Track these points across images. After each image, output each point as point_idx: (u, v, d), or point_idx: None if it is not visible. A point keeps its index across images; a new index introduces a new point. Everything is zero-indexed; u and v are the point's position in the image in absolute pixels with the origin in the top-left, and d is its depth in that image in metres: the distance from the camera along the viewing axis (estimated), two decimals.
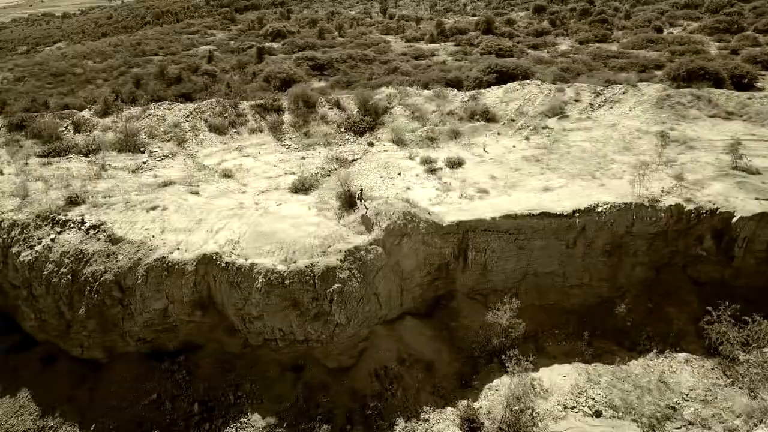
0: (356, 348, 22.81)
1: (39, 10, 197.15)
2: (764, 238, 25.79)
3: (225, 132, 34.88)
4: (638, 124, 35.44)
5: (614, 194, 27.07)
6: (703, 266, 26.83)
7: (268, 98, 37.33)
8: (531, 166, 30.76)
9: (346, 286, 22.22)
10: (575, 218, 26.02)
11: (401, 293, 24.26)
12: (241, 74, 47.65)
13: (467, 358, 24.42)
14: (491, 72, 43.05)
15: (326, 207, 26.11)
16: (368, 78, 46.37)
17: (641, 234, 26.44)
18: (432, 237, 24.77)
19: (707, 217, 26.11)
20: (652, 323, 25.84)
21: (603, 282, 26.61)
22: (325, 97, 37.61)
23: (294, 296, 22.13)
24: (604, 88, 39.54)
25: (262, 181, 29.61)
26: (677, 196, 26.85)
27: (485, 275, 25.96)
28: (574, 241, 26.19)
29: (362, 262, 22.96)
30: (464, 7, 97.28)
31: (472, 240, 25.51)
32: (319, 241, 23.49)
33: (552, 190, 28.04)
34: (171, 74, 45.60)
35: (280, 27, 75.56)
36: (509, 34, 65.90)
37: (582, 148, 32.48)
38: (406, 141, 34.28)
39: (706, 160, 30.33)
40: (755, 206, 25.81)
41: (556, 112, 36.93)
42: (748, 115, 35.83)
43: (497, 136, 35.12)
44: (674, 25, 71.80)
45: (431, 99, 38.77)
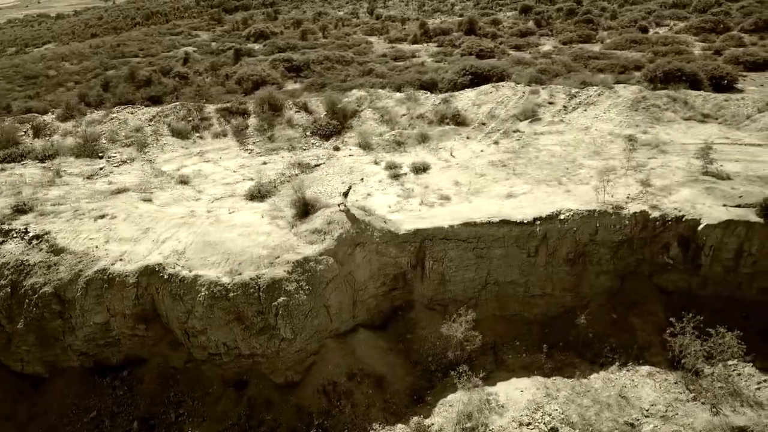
0: (304, 363, 21.98)
1: (35, 11, 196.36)
2: (731, 246, 24.99)
3: (188, 136, 34.06)
4: (611, 127, 34.64)
5: (579, 201, 26.26)
6: (670, 275, 26.02)
7: (234, 101, 36.46)
8: (497, 172, 29.95)
9: (292, 299, 21.39)
10: (536, 226, 25.21)
11: (354, 305, 23.43)
12: (213, 76, 46.83)
13: (423, 372, 23.59)
14: (466, 74, 42.26)
15: (280, 215, 25.28)
16: (342, 80, 45.57)
17: (605, 242, 25.63)
18: (387, 246, 23.95)
19: (673, 225, 25.30)
20: (616, 334, 25.02)
21: (566, 292, 25.79)
22: (292, 100, 36.79)
23: (238, 309, 21.31)
24: (580, 90, 38.76)
25: (219, 187, 28.80)
26: (643, 202, 26.03)
27: (444, 285, 25.14)
28: (536, 250, 25.38)
29: (311, 273, 22.13)
30: (452, 8, 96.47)
31: (430, 249, 24.69)
32: (267, 252, 22.66)
33: (515, 197, 27.23)
34: (141, 77, 44.73)
35: (263, 28, 74.72)
36: (492, 35, 65.11)
37: (551, 153, 31.66)
38: (373, 145, 33.47)
39: (676, 165, 29.51)
40: (722, 213, 25.00)
41: (528, 115, 36.12)
42: (723, 118, 35.04)
43: (466, 140, 34.31)
44: (661, 25, 71.03)
45: (402, 102, 37.96)
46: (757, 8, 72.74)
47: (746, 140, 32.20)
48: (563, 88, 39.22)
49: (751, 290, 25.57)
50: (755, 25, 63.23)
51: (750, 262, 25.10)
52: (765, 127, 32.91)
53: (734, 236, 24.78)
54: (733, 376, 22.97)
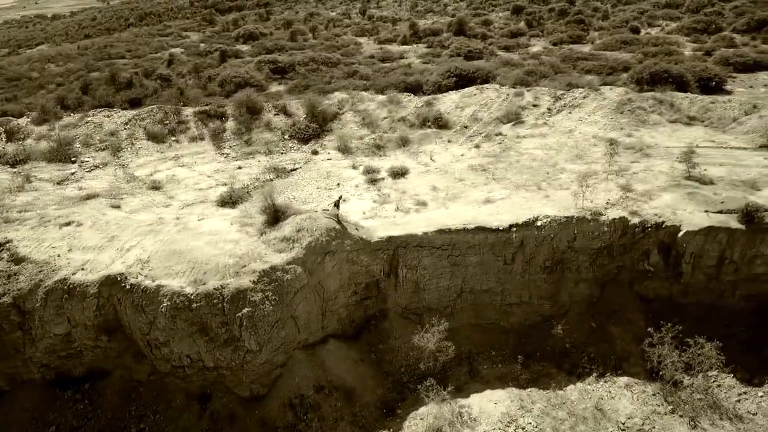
0: (270, 375, 21.33)
1: (32, 11, 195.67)
2: (713, 253, 24.37)
3: (164, 140, 33.40)
4: (596, 130, 34.03)
5: (557, 207, 25.63)
6: (651, 282, 25.40)
7: (213, 104, 35.82)
8: (476, 176, 29.32)
9: (257, 310, 20.74)
10: (513, 233, 24.58)
11: (324, 315, 22.79)
12: (196, 78, 46.16)
13: (394, 384, 22.96)
14: (451, 76, 41.63)
15: (250, 222, 24.60)
16: (327, 82, 44.93)
17: (584, 249, 25.01)
18: (358, 254, 23.30)
19: (653, 231, 24.67)
20: (595, 344, 24.41)
21: (544, 300, 25.16)
22: (272, 103, 36.14)
23: (202, 321, 20.65)
24: (565, 92, 38.14)
25: (191, 193, 28.15)
26: (623, 208, 25.41)
27: (418, 294, 24.51)
28: (513, 257, 24.75)
29: (279, 283, 21.48)
30: (445, 8, 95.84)
31: (403, 257, 24.06)
32: (234, 261, 22.01)
33: (493, 203, 26.61)
34: (122, 79, 44.07)
35: (253, 29, 74.07)
36: (483, 36, 64.48)
37: (533, 157, 31.04)
38: (352, 149, 32.84)
39: (660, 169, 28.89)
40: (703, 219, 24.38)
41: (511, 117, 35.51)
42: (710, 120, 34.43)
43: (447, 143, 33.68)
44: (653, 25, 70.39)
45: (384, 105, 37.33)
46: (750, 8, 72.12)
47: (732, 143, 31.60)
48: (548, 90, 38.61)
49: (733, 298, 24.96)
50: (747, 26, 62.62)
51: (732, 269, 24.49)
52: (751, 130, 32.29)
53: (715, 243, 24.17)
54: (713, 387, 22.38)
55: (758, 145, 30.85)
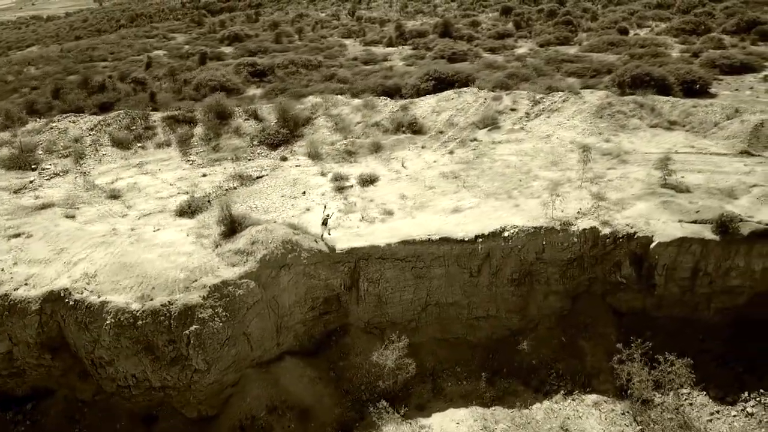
0: (220, 396, 20.42)
1: (29, 12, 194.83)
2: (686, 265, 23.47)
3: (129, 147, 32.47)
4: (574, 135, 33.11)
5: (526, 216, 24.72)
6: (624, 295, 24.50)
7: (183, 109, 34.91)
8: (447, 184, 28.40)
9: (206, 327, 19.83)
10: (478, 244, 23.66)
11: (279, 332, 21.86)
12: (171, 82, 45.22)
13: (354, 402, 22.03)
14: (429, 79, 40.75)
15: (207, 233, 23.70)
16: (305, 85, 44.04)
17: (553, 260, 24.10)
18: (316, 268, 22.38)
19: (624, 242, 23.77)
20: (564, 359, 23.51)
21: (512, 313, 24.25)
22: (242, 108, 35.21)
23: (148, 339, 19.74)
24: (545, 96, 37.21)
25: (151, 202, 27.22)
26: (594, 218, 24.50)
27: (381, 307, 23.60)
28: (479, 269, 23.84)
29: (230, 298, 20.57)
30: (435, 9, 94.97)
31: (365, 269, 23.15)
32: (185, 275, 21.10)
33: (461, 212, 25.69)
34: (95, 83, 43.14)
35: (238, 31, 73.18)
36: (469, 37, 63.60)
37: (506, 163, 30.12)
38: (322, 155, 31.91)
39: (636, 176, 27.99)
40: (676, 230, 23.47)
41: (487, 122, 34.57)
42: (691, 125, 33.51)
43: (421, 149, 32.76)
44: (642, 26, 69.52)
45: (359, 109, 36.41)
46: (741, 9, 71.29)
47: (712, 149, 30.69)
48: (527, 93, 37.69)
49: (708, 311, 24.07)
50: (737, 26, 61.77)
51: (706, 281, 23.59)
52: (732, 135, 31.39)
53: (689, 255, 23.27)
54: (685, 406, 21.49)
55: (738, 151, 29.95)
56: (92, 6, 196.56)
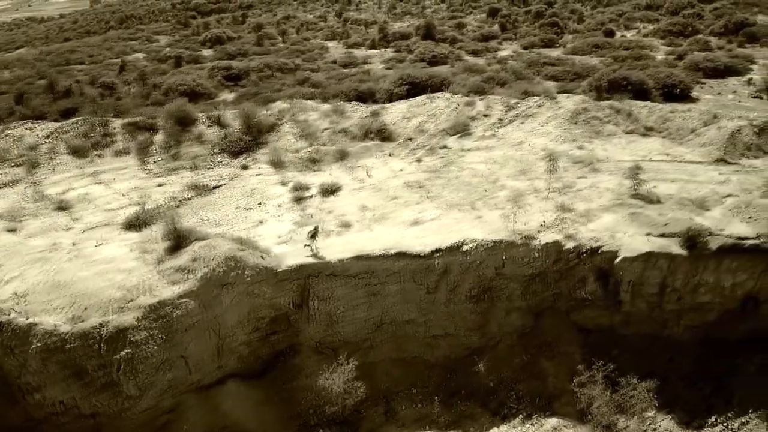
0: (155, 423, 19.30)
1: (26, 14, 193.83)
2: (654, 280, 22.40)
3: (86, 155, 31.32)
4: (546, 142, 32.01)
5: (487, 229, 23.63)
6: (589, 311, 23.41)
7: (144, 115, 33.79)
8: (411, 194, 27.29)
9: (139, 351, 18.72)
10: (435, 259, 22.56)
11: (220, 354, 20.73)
12: (141, 86, 44.10)
13: (302, 427, 20.93)
14: (403, 84, 39.66)
15: (153, 248, 22.54)
16: (277, 89, 42.94)
17: (515, 276, 23.01)
18: (261, 286, 21.25)
19: (588, 257, 22.69)
20: (526, 380, 22.41)
21: (471, 332, 23.14)
22: (206, 114, 34.10)
23: (77, 363, 18.62)
24: (519, 101, 36.13)
25: (99, 214, 26.09)
26: (558, 231, 23.42)
27: (333, 327, 22.47)
28: (436, 285, 22.74)
29: (167, 319, 19.45)
30: (423, 10, 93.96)
31: (315, 287, 22.02)
32: (121, 294, 19.97)
33: (421, 224, 24.59)
34: (61, 87, 42.02)
35: (220, 33, 72.09)
36: (452, 39, 62.55)
37: (474, 172, 29.02)
38: (285, 163, 30.80)
39: (606, 186, 26.91)
40: (643, 244, 22.38)
41: (458, 129, 33.50)
42: (668, 131, 32.46)
43: (388, 157, 31.65)
44: (630, 28, 68.59)
45: (327, 115, 35.30)
46: (730, 10, 70.49)
47: (687, 157, 29.63)
48: (502, 98, 36.60)
49: (677, 329, 23.01)
50: (725, 28, 60.94)
51: (674, 298, 22.53)
52: (709, 142, 30.33)
53: (656, 270, 22.20)
54: (649, 430, 20.38)
55: (714, 159, 28.89)
56: (95, 7, 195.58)
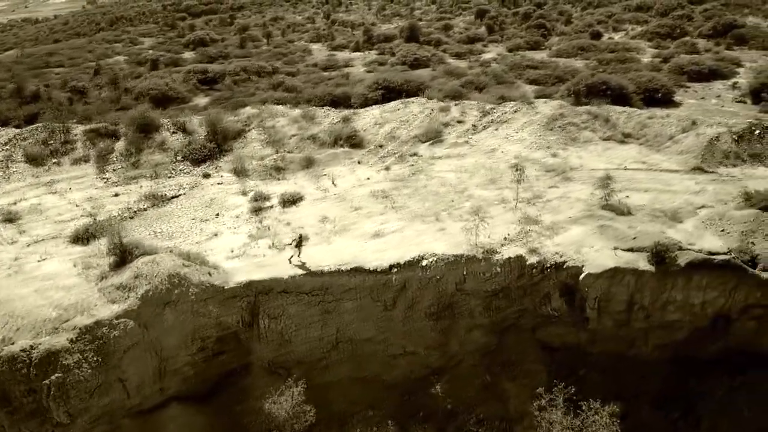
0: None
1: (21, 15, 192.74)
2: (621, 297, 21.40)
3: (43, 163, 30.31)
4: (520, 150, 31.02)
5: (449, 243, 22.62)
6: (555, 329, 22.41)
7: (107, 121, 32.78)
8: (375, 204, 26.28)
9: (71, 375, 17.71)
10: (393, 274, 21.55)
11: (162, 376, 19.71)
12: (112, 90, 43.06)
13: None
14: (378, 88, 38.65)
15: (97, 263, 21.53)
16: (251, 93, 41.93)
17: (476, 292, 22.01)
18: (206, 305, 20.23)
19: (552, 273, 21.69)
20: (486, 402, 21.42)
21: (431, 350, 22.14)
22: (170, 120, 33.08)
23: (4, 388, 17.58)
24: (495, 107, 35.12)
25: (49, 226, 25.06)
26: (522, 245, 22.41)
27: (285, 346, 21.45)
28: (394, 302, 21.73)
29: (103, 341, 18.45)
30: (412, 12, 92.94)
31: (265, 305, 21.00)
32: (57, 313, 18.96)
33: (382, 237, 23.58)
34: (29, 92, 40.98)
35: (203, 35, 71.03)
36: (437, 42, 61.53)
37: (442, 181, 28.01)
38: (249, 171, 29.81)
39: (577, 196, 25.93)
40: (609, 259, 21.38)
41: (431, 136, 32.48)
42: (645, 138, 31.45)
43: (357, 165, 30.64)
44: (618, 29, 67.57)
45: (296, 120, 34.28)
46: (720, 11, 69.47)
47: (663, 165, 28.65)
48: (477, 104, 35.60)
49: (646, 347, 22.02)
50: (713, 30, 59.88)
51: (642, 315, 21.54)
52: (686, 149, 29.35)
53: (623, 286, 21.21)
54: None
55: (691, 167, 27.93)
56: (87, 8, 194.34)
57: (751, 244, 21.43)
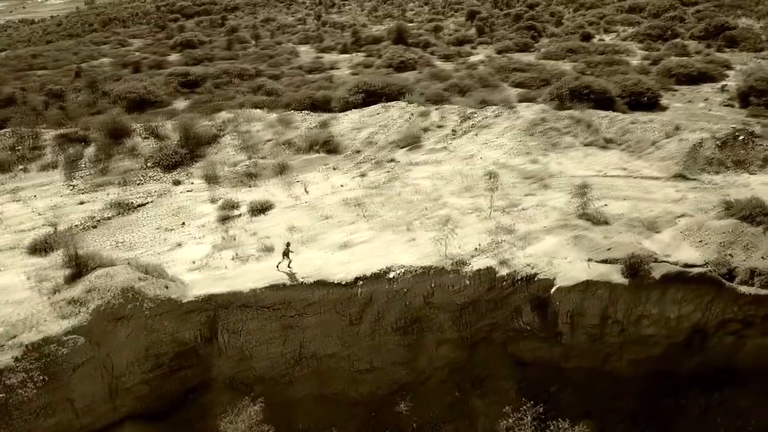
0: None
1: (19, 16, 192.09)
2: (594, 311, 20.66)
3: (10, 169, 29.63)
4: (499, 156, 30.28)
5: (418, 254, 21.87)
6: (528, 343, 21.65)
7: (80, 126, 32.04)
8: (346, 213, 25.53)
9: (14, 396, 16.98)
10: (358, 287, 20.81)
11: (114, 394, 18.95)
12: (89, 93, 42.30)
13: None
14: (359, 92, 37.86)
15: (52, 276, 20.76)
16: (231, 97, 41.18)
17: (445, 305, 21.24)
18: (161, 320, 19.47)
19: (523, 285, 20.94)
20: (454, 420, 20.70)
21: (399, 366, 21.37)
22: (142, 125, 32.34)
23: None
24: (476, 111, 34.39)
25: (8, 236, 24.34)
26: (493, 256, 21.65)
27: (246, 362, 20.70)
28: (359, 316, 20.98)
29: (51, 359, 17.70)
30: (404, 13, 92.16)
31: (225, 319, 20.25)
32: (3, 330, 18.21)
33: (350, 247, 22.84)
34: (5, 94, 40.23)
35: (191, 37, 70.26)
36: (425, 44, 60.78)
37: (417, 188, 27.26)
38: (220, 178, 29.06)
39: (554, 204, 25.17)
40: (581, 272, 20.64)
41: (409, 141, 31.74)
42: (627, 144, 30.70)
43: (331, 171, 29.90)
44: (609, 31, 66.81)
45: (273, 125, 33.57)
46: (713, 12, 68.66)
47: (645, 171, 27.89)
48: (459, 108, 34.86)
49: (621, 363, 21.24)
50: (705, 32, 59.19)
51: (617, 330, 20.79)
52: (668, 155, 28.60)
53: (596, 300, 20.46)
54: None
55: (672, 174, 27.17)
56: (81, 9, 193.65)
57: (729, 256, 20.70)
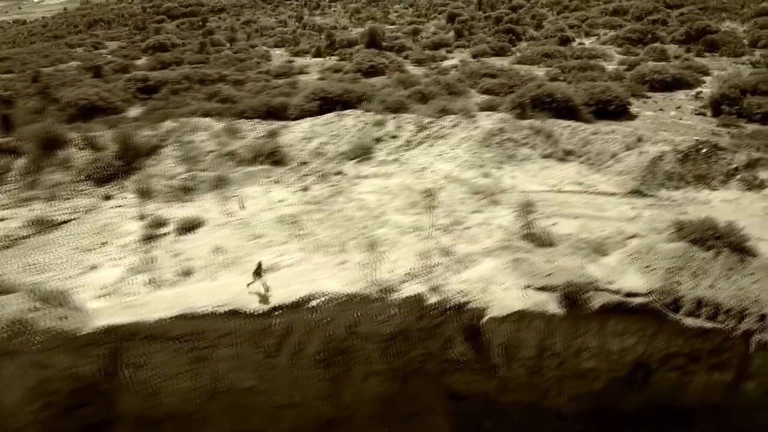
0: None
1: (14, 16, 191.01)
2: (531, 342, 19.10)
3: None
4: (452, 168, 28.72)
5: (346, 279, 20.29)
6: (462, 375, 20.08)
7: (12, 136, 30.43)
8: (279, 231, 23.92)
9: None
10: (275, 318, 19.21)
11: None
12: (41, 100, 40.73)
13: None
14: (315, 99, 36.27)
15: None
16: (185, 104, 39.57)
17: (372, 335, 19.66)
18: (54, 355, 17.87)
19: (454, 314, 19.37)
20: None
21: (322, 400, 19.79)
22: (80, 135, 30.74)
23: None
24: (434, 120, 32.84)
25: None
26: (424, 281, 20.08)
27: (153, 398, 19.08)
28: (277, 348, 19.37)
29: None
30: (386, 15, 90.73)
31: (126, 353, 18.64)
32: None
33: (275, 271, 21.18)
34: None
35: (163, 39, 68.77)
36: (400, 47, 59.32)
37: (361, 204, 25.67)
38: (154, 193, 27.41)
39: (500, 223, 23.61)
40: (516, 300, 19.09)
41: (359, 152, 30.17)
42: (587, 156, 29.19)
43: (273, 184, 28.29)
44: (590, 34, 65.45)
45: (218, 135, 31.95)
46: (697, 15, 67.39)
47: (601, 187, 26.39)
48: (416, 117, 33.29)
49: (561, 398, 19.69)
50: (686, 35, 57.90)
51: (555, 363, 19.23)
52: (627, 169, 27.10)
53: (532, 331, 18.91)
54: None
55: (628, 190, 25.68)
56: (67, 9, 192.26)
57: (677, 283, 19.15)
